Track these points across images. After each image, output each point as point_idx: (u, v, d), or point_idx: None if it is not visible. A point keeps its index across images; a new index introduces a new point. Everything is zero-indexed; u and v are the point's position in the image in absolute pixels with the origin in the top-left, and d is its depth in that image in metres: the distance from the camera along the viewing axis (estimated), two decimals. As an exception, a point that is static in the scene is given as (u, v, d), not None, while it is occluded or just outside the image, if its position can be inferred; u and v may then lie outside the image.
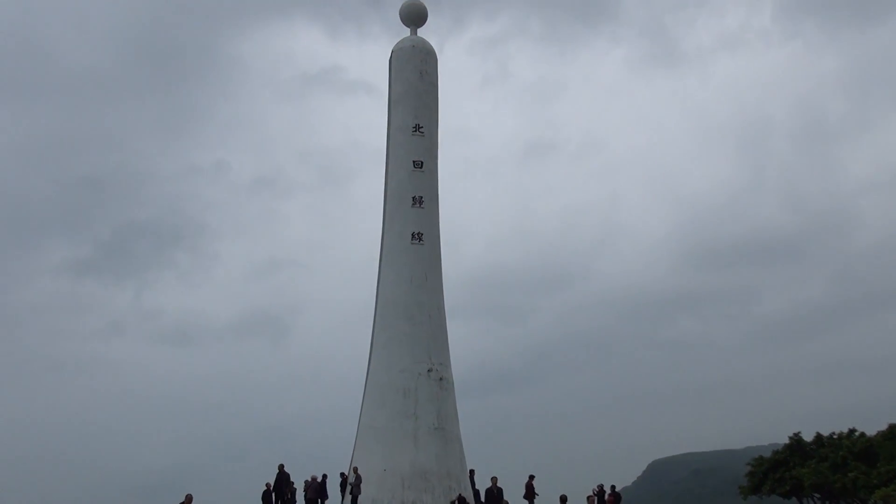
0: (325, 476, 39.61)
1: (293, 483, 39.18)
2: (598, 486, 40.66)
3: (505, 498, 39.42)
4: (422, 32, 46.46)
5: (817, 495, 72.89)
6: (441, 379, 40.56)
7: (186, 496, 33.60)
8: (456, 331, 44.32)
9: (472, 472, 41.65)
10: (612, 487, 41.65)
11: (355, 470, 38.71)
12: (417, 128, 43.81)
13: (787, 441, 78.80)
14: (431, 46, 45.86)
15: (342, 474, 40.19)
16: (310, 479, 39.28)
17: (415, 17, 46.38)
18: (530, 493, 39.61)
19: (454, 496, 38.15)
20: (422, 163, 43.37)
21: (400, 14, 46.49)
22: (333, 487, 39.54)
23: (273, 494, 38.29)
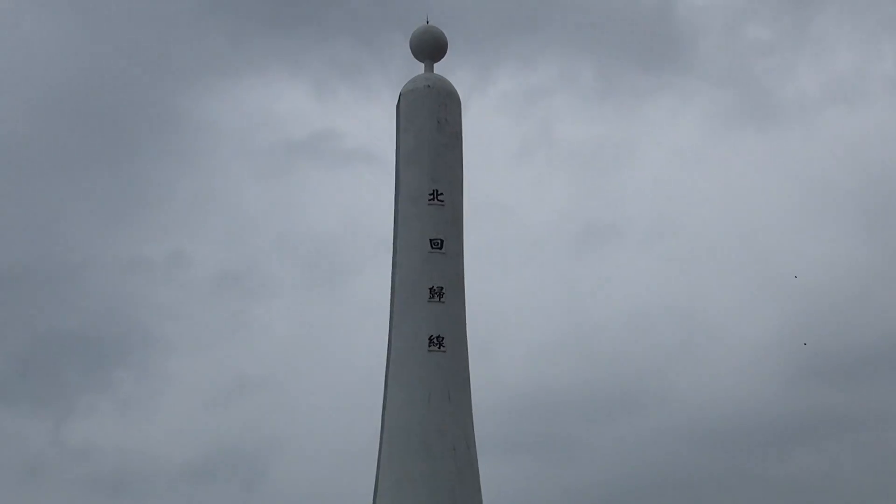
0: None
1: None
2: None
3: None
4: (439, 70, 38.27)
5: None
6: (471, 538, 32.81)
7: None
8: (489, 469, 37.18)
9: None
10: None
11: None
12: (435, 195, 35.75)
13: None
14: (452, 86, 37.51)
15: None
16: None
17: (430, 49, 38.04)
18: None
19: None
20: (441, 242, 35.34)
21: (411, 44, 38.51)
22: None
23: None
